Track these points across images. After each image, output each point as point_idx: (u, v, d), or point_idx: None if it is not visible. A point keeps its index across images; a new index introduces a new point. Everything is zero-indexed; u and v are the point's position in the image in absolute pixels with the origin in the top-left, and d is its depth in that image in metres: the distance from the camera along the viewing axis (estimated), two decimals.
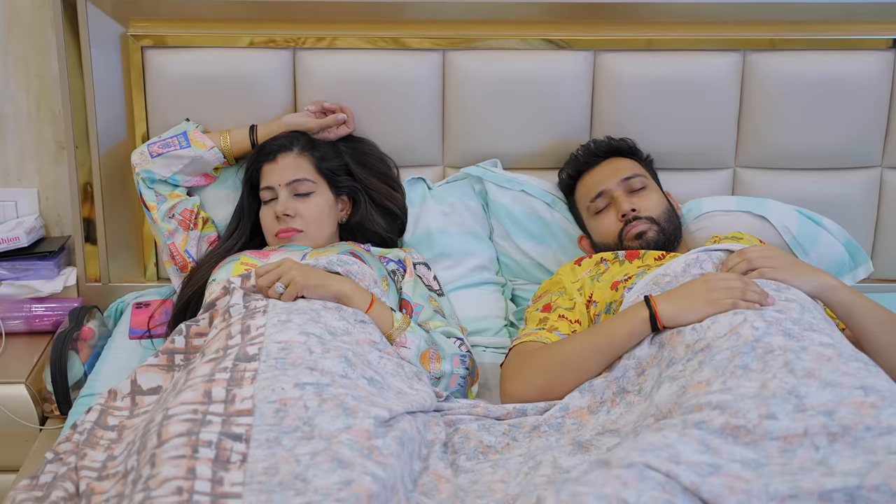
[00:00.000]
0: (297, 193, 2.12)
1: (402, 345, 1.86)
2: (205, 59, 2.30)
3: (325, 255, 1.99)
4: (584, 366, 1.78)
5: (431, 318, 2.02)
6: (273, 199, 2.13)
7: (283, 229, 2.10)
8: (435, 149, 2.40)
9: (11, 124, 2.46)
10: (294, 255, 2.01)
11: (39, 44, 2.40)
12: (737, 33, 2.33)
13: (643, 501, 1.28)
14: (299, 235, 2.10)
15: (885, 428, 1.38)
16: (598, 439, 1.64)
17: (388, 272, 2.08)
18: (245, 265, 1.98)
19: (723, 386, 1.52)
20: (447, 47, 2.32)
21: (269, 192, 2.14)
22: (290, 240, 2.10)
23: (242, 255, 2.04)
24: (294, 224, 2.10)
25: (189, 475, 1.33)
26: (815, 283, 1.82)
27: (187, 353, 1.82)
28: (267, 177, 2.15)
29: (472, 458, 1.65)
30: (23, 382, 2.14)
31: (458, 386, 1.91)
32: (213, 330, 1.76)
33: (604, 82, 2.35)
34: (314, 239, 2.12)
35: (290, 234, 2.10)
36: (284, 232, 2.10)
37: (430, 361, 1.88)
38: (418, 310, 2.03)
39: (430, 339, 1.91)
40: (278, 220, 2.11)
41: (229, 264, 2.01)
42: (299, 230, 2.10)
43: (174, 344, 1.82)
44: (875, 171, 2.43)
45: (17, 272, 2.36)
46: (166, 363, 1.80)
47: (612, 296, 1.92)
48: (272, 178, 2.14)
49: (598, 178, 2.19)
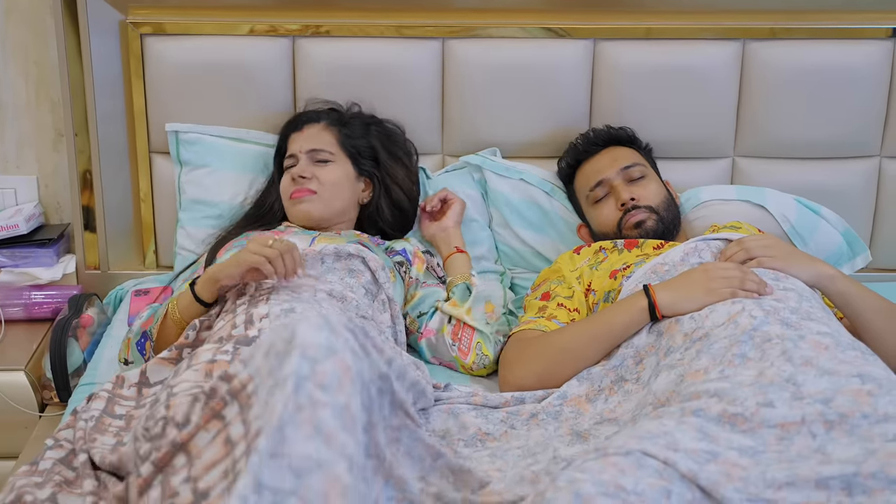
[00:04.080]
0: (316, 161, 2.13)
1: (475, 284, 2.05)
2: (204, 47, 2.30)
3: (334, 242, 1.99)
4: (583, 354, 1.79)
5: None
6: (293, 165, 2.14)
7: (297, 189, 2.09)
8: (434, 137, 2.40)
9: (10, 112, 2.46)
10: (303, 238, 2.00)
11: (38, 31, 2.40)
12: (736, 22, 2.33)
13: (641, 488, 1.28)
14: (312, 197, 2.09)
15: (881, 416, 1.39)
16: (596, 428, 1.65)
17: (395, 264, 2.08)
18: None
19: (720, 374, 1.52)
20: (447, 35, 2.32)
21: (291, 160, 2.15)
22: (301, 200, 2.08)
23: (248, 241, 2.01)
24: (309, 185, 2.09)
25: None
26: (814, 272, 1.82)
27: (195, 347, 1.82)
28: (291, 145, 2.17)
29: (471, 445, 1.66)
30: (22, 369, 2.14)
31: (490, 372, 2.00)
32: (220, 321, 1.77)
33: (603, 71, 2.35)
34: (327, 205, 2.09)
35: (303, 193, 2.09)
36: (298, 192, 2.09)
37: (492, 313, 2.04)
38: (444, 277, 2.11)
39: (494, 294, 2.12)
40: (294, 182, 2.11)
41: (234, 249, 2.00)
42: (313, 191, 2.09)
43: (186, 339, 1.80)
44: (874, 161, 2.43)
45: (17, 259, 2.36)
46: (176, 357, 1.79)
47: (611, 284, 1.92)
48: (295, 146, 2.16)
49: (597, 167, 2.19)
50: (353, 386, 1.29)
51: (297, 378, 1.25)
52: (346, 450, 1.23)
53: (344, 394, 1.27)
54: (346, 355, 1.31)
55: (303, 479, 1.20)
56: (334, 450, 1.22)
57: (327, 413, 1.24)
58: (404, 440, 1.46)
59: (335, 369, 1.28)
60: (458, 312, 2.01)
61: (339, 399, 1.26)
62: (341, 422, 1.25)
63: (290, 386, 1.25)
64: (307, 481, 1.19)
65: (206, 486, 1.30)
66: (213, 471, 1.31)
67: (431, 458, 1.49)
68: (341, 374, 1.28)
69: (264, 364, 1.34)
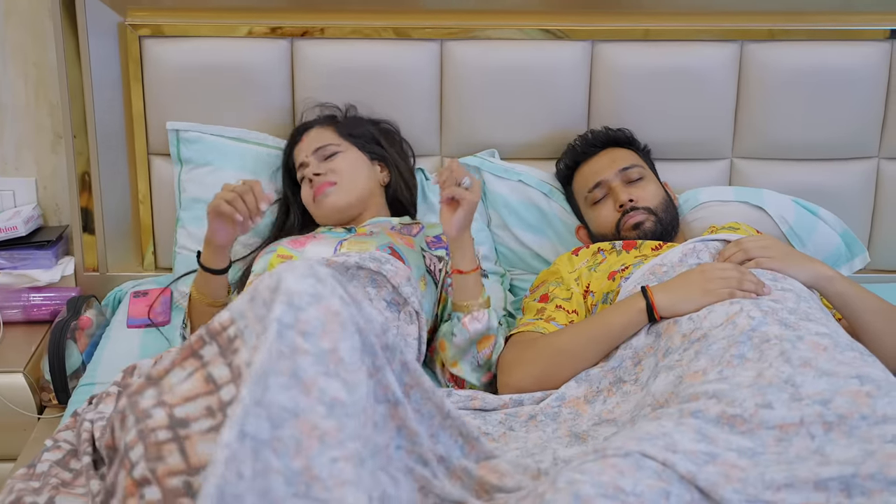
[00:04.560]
0: (325, 157, 2.12)
1: (477, 319, 1.87)
2: (203, 49, 2.30)
3: (362, 246, 1.96)
4: (581, 356, 1.79)
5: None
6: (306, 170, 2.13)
7: (317, 187, 2.08)
8: (433, 139, 2.40)
9: (9, 113, 2.46)
10: (330, 242, 1.99)
11: (37, 33, 2.40)
12: (735, 24, 2.33)
13: (640, 490, 1.28)
14: (333, 188, 2.07)
15: (880, 417, 1.39)
16: (594, 430, 1.65)
17: (435, 260, 2.03)
18: (281, 257, 1.96)
19: (719, 375, 1.52)
20: (445, 37, 2.32)
21: (302, 168, 2.15)
22: (325, 195, 2.07)
23: (280, 247, 1.99)
24: (327, 178, 2.09)
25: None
26: (812, 272, 1.82)
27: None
28: (298, 156, 2.18)
29: None
30: (21, 371, 2.14)
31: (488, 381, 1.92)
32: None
33: (601, 73, 2.35)
34: (349, 191, 2.08)
35: (324, 187, 2.08)
36: (319, 188, 2.08)
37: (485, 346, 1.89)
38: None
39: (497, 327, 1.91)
40: (311, 183, 2.10)
41: (267, 255, 1.99)
42: (333, 182, 2.08)
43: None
44: (872, 162, 2.44)
45: (15, 261, 2.36)
46: None
47: (609, 286, 1.92)
48: (301, 154, 2.16)
49: (595, 169, 2.20)
50: (344, 330, 1.28)
51: (280, 325, 1.25)
52: (326, 395, 1.22)
53: (329, 339, 1.26)
54: (334, 301, 1.29)
55: (277, 429, 1.20)
56: (312, 397, 1.21)
57: (307, 361, 1.23)
58: (414, 398, 1.44)
59: (319, 315, 1.27)
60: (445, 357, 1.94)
61: (322, 345, 1.25)
62: (324, 367, 1.24)
63: (272, 333, 1.24)
64: (280, 432, 1.19)
65: (185, 415, 1.29)
66: (192, 403, 1.30)
67: (441, 417, 1.47)
68: (326, 319, 1.27)
69: (249, 309, 1.33)
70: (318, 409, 1.21)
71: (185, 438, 1.28)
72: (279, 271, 1.32)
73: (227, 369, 1.33)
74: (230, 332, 1.34)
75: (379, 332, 1.37)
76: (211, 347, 1.35)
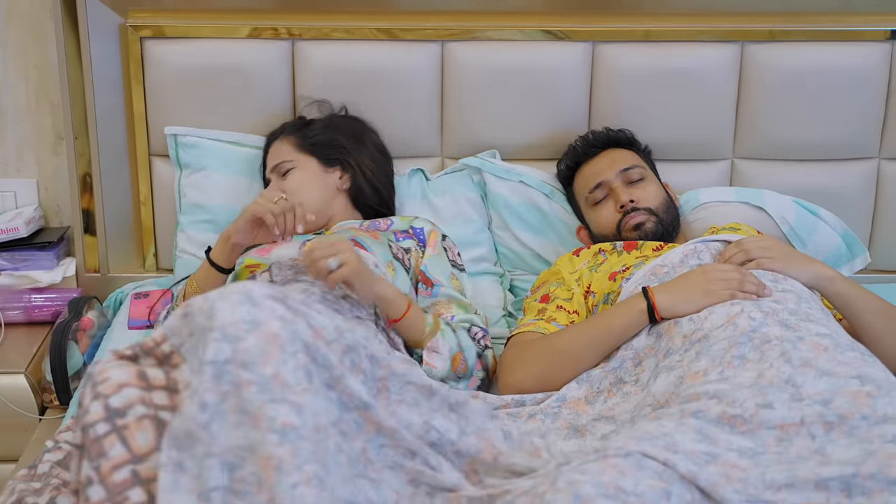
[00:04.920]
0: (282, 175, 2.13)
1: (434, 350, 1.82)
2: (203, 50, 2.31)
3: None
4: (582, 356, 1.79)
5: (450, 297, 1.99)
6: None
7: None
8: (434, 140, 2.40)
9: (10, 115, 2.46)
10: (295, 243, 1.99)
11: (38, 34, 2.40)
12: (735, 24, 2.34)
13: (640, 490, 1.28)
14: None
15: (880, 417, 1.39)
16: (593, 424, 1.65)
17: (402, 250, 2.03)
18: (249, 267, 1.96)
19: (720, 376, 1.52)
20: (446, 38, 2.32)
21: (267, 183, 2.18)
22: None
23: (247, 258, 1.99)
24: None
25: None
26: (812, 273, 1.82)
27: None
28: (267, 168, 2.20)
29: None
30: (22, 372, 2.14)
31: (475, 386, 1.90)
32: None
33: (602, 73, 2.35)
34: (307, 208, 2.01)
35: None
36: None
37: (459, 364, 1.86)
38: (437, 287, 2.00)
39: (458, 340, 1.87)
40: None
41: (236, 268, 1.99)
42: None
43: None
44: (872, 163, 2.44)
45: (17, 263, 2.36)
46: None
47: (610, 286, 1.93)
48: (267, 169, 2.19)
49: (596, 170, 2.20)
50: (284, 352, 1.28)
51: (216, 366, 1.25)
52: (276, 422, 1.22)
53: (271, 364, 1.26)
54: (272, 324, 1.29)
55: (237, 471, 1.21)
56: (262, 427, 1.22)
57: (252, 391, 1.24)
58: (393, 388, 1.44)
59: (258, 342, 1.27)
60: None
61: (264, 371, 1.25)
62: (269, 394, 1.24)
63: (209, 374, 1.25)
64: (241, 473, 1.21)
65: (120, 404, 1.30)
66: (126, 390, 1.31)
67: (426, 398, 1.47)
68: (266, 344, 1.27)
69: (183, 326, 1.34)
70: (271, 437, 1.22)
71: (123, 428, 1.29)
72: (212, 299, 1.32)
73: (163, 375, 1.34)
74: (164, 347, 1.36)
75: (332, 338, 1.36)
76: (146, 360, 1.37)
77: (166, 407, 1.33)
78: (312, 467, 1.23)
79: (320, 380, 1.33)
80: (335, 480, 1.29)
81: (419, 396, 1.46)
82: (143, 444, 1.29)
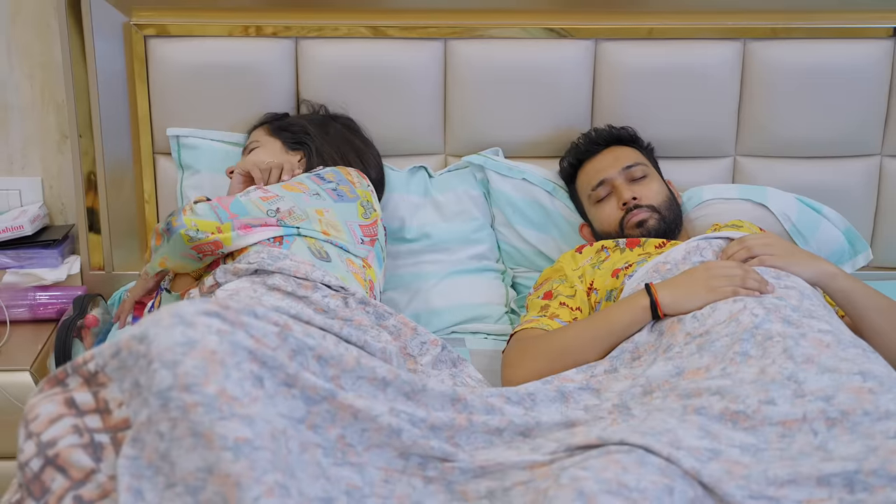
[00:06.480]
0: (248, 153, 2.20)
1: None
2: (207, 49, 2.31)
3: None
4: (585, 353, 1.79)
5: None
6: None
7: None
8: (436, 137, 2.40)
9: (15, 113, 2.47)
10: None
11: (43, 33, 2.41)
12: (737, 22, 2.34)
13: (643, 486, 1.29)
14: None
15: (882, 413, 1.40)
16: (578, 393, 1.63)
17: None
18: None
19: (722, 372, 1.53)
20: (449, 36, 2.33)
21: None
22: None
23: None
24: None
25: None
26: (815, 270, 1.83)
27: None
28: None
29: None
30: (27, 370, 2.14)
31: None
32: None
33: (605, 71, 2.35)
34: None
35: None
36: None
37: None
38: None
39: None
40: None
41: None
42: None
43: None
44: (875, 160, 2.44)
45: (22, 260, 2.36)
46: None
47: (613, 283, 1.93)
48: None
49: (599, 167, 2.20)
50: (225, 367, 1.27)
51: (161, 395, 1.26)
52: (228, 440, 1.22)
53: (214, 382, 1.25)
54: (209, 340, 1.28)
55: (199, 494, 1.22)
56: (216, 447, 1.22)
57: (200, 412, 1.24)
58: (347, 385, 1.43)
59: (196, 362, 1.26)
60: None
61: (208, 390, 1.25)
62: (217, 413, 1.24)
63: (156, 405, 1.26)
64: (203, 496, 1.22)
65: (50, 437, 1.33)
66: (57, 424, 1.34)
67: (381, 391, 1.46)
68: (206, 363, 1.26)
69: (107, 349, 1.35)
70: (225, 455, 1.22)
71: (55, 457, 1.31)
72: (145, 325, 1.32)
73: (92, 397, 1.35)
74: (90, 366, 1.37)
75: (275, 345, 1.36)
76: (74, 378, 1.38)
77: (100, 430, 1.34)
78: (273, 476, 1.23)
79: (276, 381, 1.32)
80: (303, 482, 1.29)
81: (374, 389, 1.45)
82: (79, 468, 1.30)
